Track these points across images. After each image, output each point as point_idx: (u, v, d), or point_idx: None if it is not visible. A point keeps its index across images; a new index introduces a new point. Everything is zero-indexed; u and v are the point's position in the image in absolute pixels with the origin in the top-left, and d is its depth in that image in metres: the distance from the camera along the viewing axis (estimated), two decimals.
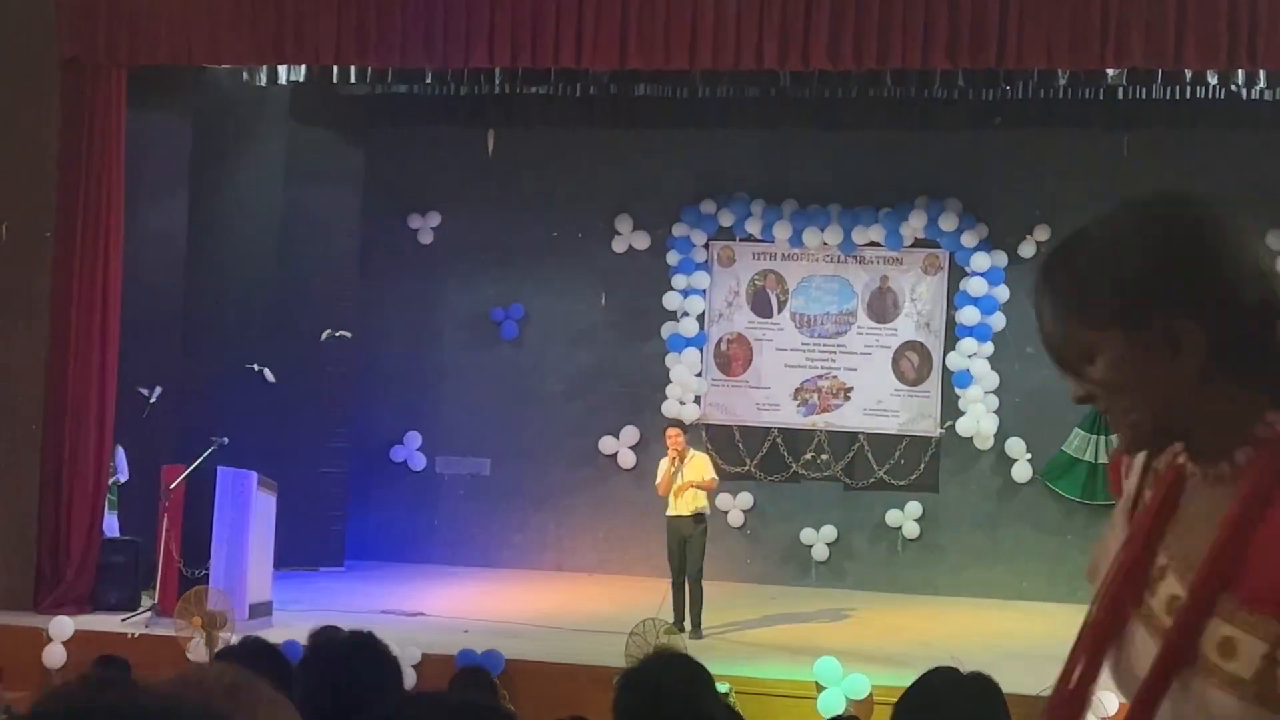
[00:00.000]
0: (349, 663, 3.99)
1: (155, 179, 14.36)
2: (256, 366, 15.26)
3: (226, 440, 12.83)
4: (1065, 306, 2.30)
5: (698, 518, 13.29)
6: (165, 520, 12.64)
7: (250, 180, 15.64)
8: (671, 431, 13.60)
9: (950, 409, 16.22)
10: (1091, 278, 2.28)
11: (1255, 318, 2.22)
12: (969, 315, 16.10)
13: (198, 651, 11.15)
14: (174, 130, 14.58)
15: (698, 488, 13.32)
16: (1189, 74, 13.33)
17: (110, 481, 13.50)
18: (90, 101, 13.17)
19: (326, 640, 4.07)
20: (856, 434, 16.47)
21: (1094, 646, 2.25)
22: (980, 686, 3.81)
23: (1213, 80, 13.61)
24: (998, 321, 16.06)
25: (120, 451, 13.69)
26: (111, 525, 13.59)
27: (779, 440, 16.58)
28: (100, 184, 13.16)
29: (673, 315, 16.70)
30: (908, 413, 16.41)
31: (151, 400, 14.11)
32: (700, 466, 13.45)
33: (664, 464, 13.48)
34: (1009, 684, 3.89)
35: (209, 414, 13.87)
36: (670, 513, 13.34)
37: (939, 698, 3.77)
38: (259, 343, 15.49)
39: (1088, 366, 2.30)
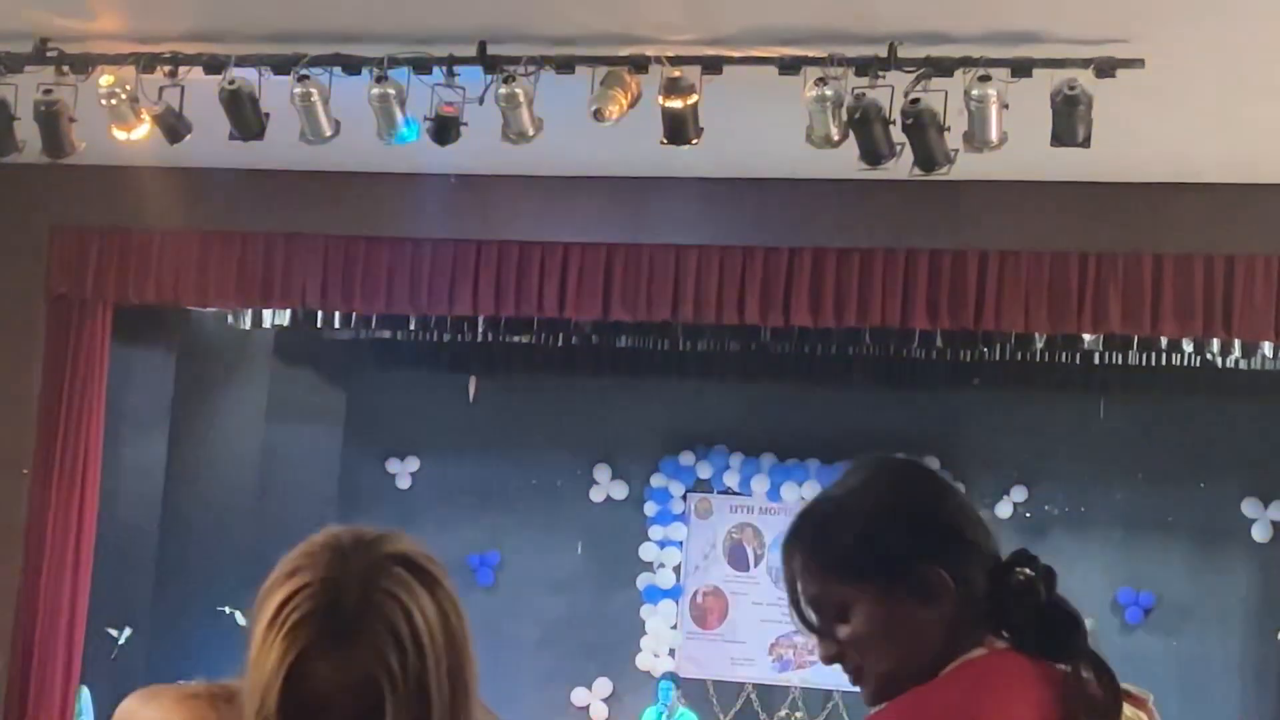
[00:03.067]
0: None
1: (136, 415, 14.38)
2: (228, 609, 15.11)
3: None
4: (822, 567, 2.45)
5: None
6: None
7: (231, 419, 15.67)
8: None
9: None
10: (845, 538, 2.45)
11: (989, 564, 2.44)
12: None
13: None
14: (157, 367, 14.63)
15: None
16: (1165, 341, 13.47)
17: None
18: (75, 337, 13.21)
19: None
20: (832, 692, 16.32)
21: None
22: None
23: (1188, 349, 13.75)
24: None
25: (86, 693, 13.51)
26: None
27: (753, 696, 16.42)
28: (81, 419, 13.16)
29: (649, 566, 16.65)
30: None
31: (120, 641, 13.96)
32: None
33: (650, 715, 13.35)
34: None
35: (179, 657, 13.72)
36: None
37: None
38: (233, 584, 15.35)
39: (841, 625, 2.43)
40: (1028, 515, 16.13)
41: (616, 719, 15.78)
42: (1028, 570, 2.45)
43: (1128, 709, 2.53)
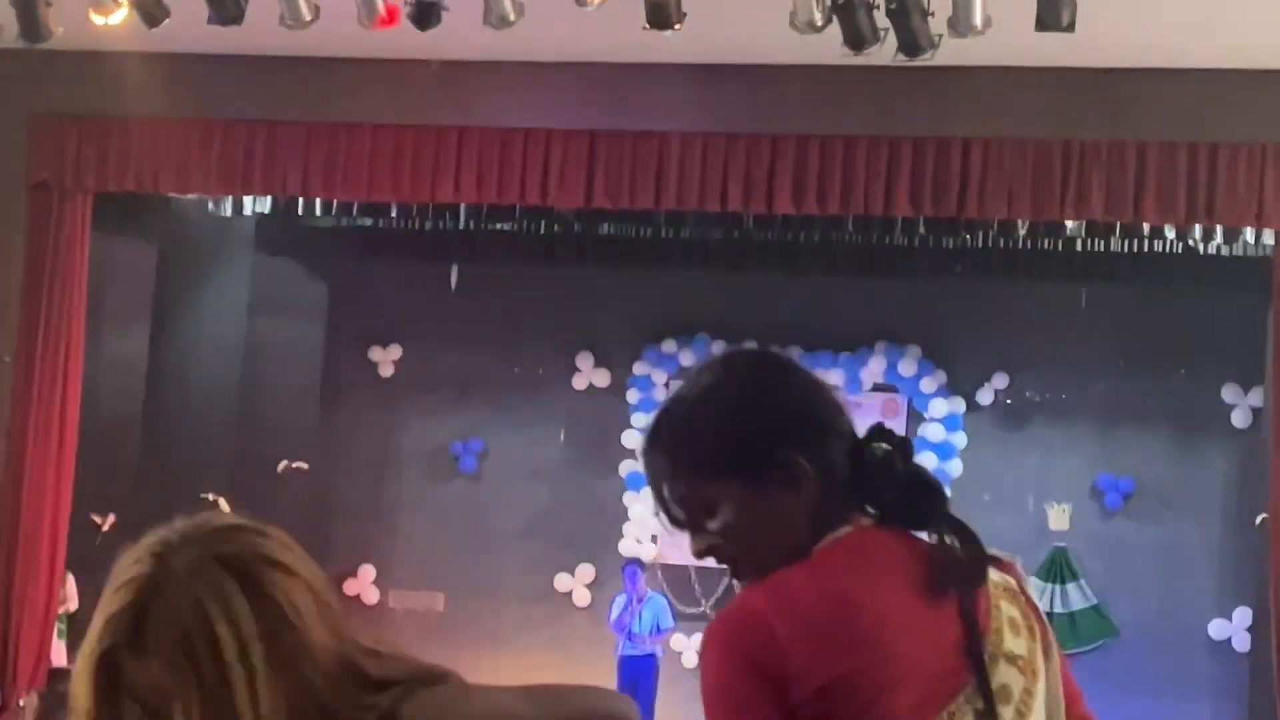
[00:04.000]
0: None
1: (118, 305, 14.35)
2: (211, 496, 15.16)
3: None
4: (684, 466, 2.50)
5: (650, 658, 13.23)
6: None
7: (213, 309, 15.64)
8: (631, 569, 13.58)
9: None
10: (706, 434, 2.49)
11: (849, 448, 2.51)
12: (926, 461, 16.12)
13: None
14: (138, 257, 14.59)
15: (653, 636, 13.30)
16: (1147, 228, 13.47)
17: (60, 610, 13.36)
18: (56, 227, 13.19)
19: None
20: None
21: None
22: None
23: (1170, 235, 13.75)
24: (955, 468, 16.10)
25: (71, 580, 13.57)
26: (60, 654, 13.44)
27: (734, 582, 16.49)
28: (63, 309, 13.15)
29: (631, 453, 16.68)
30: None
31: (104, 528, 14.00)
32: (658, 610, 13.43)
33: (620, 601, 13.42)
34: None
35: None
36: (623, 653, 13.28)
37: None
38: (216, 472, 15.41)
39: (709, 520, 2.51)
40: (1009, 403, 16.19)
41: (599, 604, 15.87)
42: (884, 444, 2.52)
43: (994, 573, 2.61)
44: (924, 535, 2.60)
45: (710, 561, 2.68)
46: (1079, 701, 2.80)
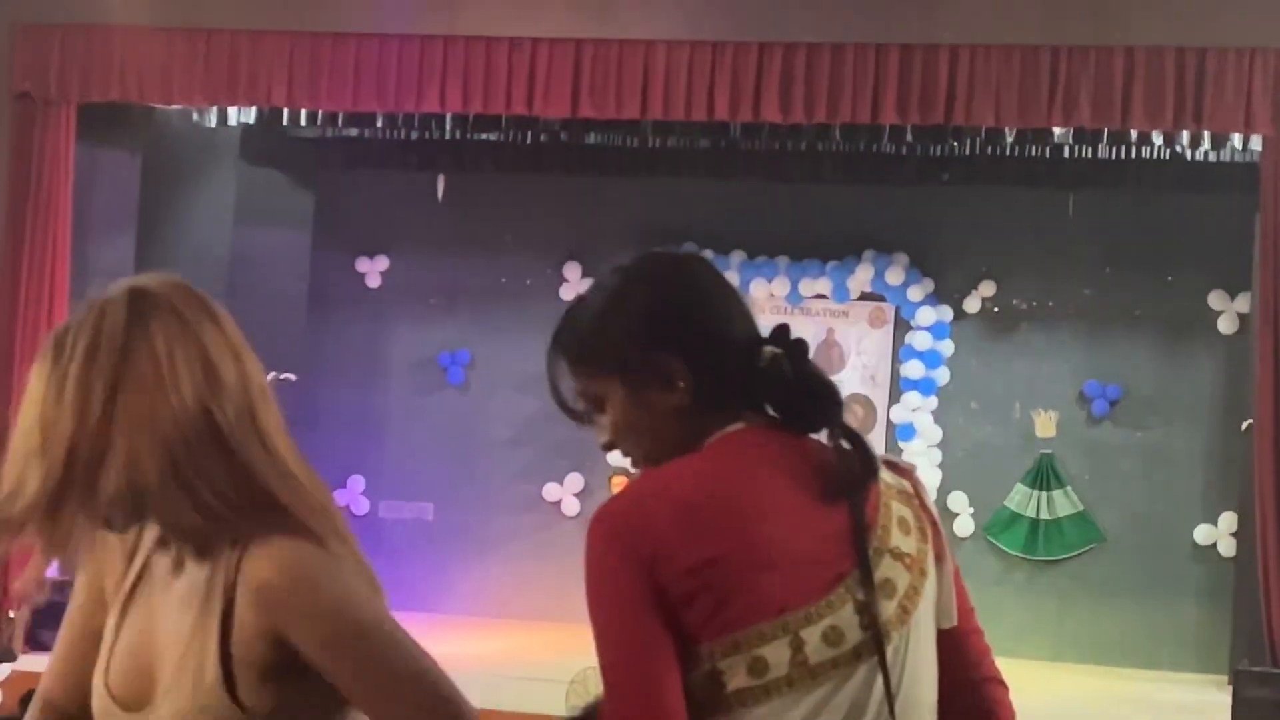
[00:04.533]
0: None
1: (103, 216, 14.30)
2: None
3: None
4: (575, 363, 2.67)
5: None
6: None
7: (198, 220, 15.60)
8: (618, 480, 13.63)
9: None
10: (592, 334, 2.65)
11: (738, 352, 2.61)
12: (914, 369, 16.17)
13: None
14: (123, 168, 14.52)
15: None
16: (1134, 134, 13.46)
17: None
18: (40, 137, 13.15)
19: None
20: None
21: None
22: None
23: (1158, 141, 13.75)
24: (942, 376, 16.14)
25: None
26: (52, 564, 13.45)
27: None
28: (47, 219, 13.12)
29: None
30: None
31: None
32: None
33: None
34: None
35: None
36: None
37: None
38: None
39: (601, 415, 2.66)
40: (996, 310, 16.20)
41: (588, 513, 15.87)
42: (775, 348, 2.63)
43: (889, 475, 2.67)
44: (820, 438, 2.65)
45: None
46: (970, 616, 2.80)
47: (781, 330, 2.68)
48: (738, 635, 2.41)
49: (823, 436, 2.65)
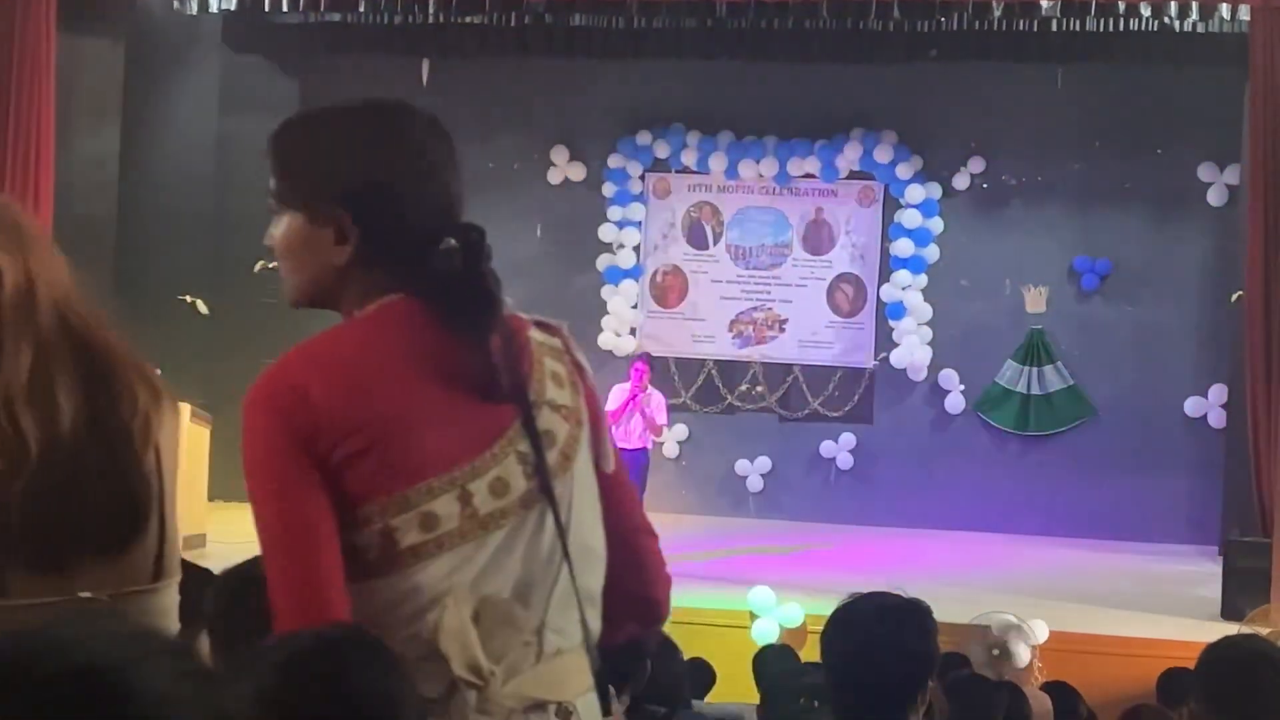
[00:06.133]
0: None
1: (87, 105, 14.22)
2: (189, 298, 15.17)
3: None
4: (273, 175, 2.68)
5: (641, 451, 13.35)
6: None
7: (183, 108, 15.53)
8: (639, 365, 13.65)
9: (884, 341, 16.30)
10: (295, 159, 2.67)
11: (417, 234, 2.63)
12: (903, 247, 16.15)
13: None
14: (106, 56, 14.42)
15: (650, 429, 13.39)
16: (1123, 6, 13.38)
17: None
18: (21, 27, 13.03)
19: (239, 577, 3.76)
20: (791, 366, 16.53)
21: None
22: (911, 608, 3.84)
23: (1146, 12, 13.66)
24: (932, 254, 16.13)
25: None
26: None
27: (714, 372, 16.63)
28: (31, 110, 13.03)
29: (608, 247, 16.69)
30: (842, 345, 16.47)
31: None
32: (657, 406, 13.53)
33: (617, 392, 13.48)
34: (940, 613, 3.91)
35: (140, 346, 13.74)
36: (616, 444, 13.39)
37: (869, 618, 3.80)
38: (192, 273, 15.40)
39: (275, 228, 2.69)
40: (985, 187, 16.17)
41: None
42: (452, 241, 2.66)
43: (542, 335, 2.83)
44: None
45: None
46: (622, 469, 2.93)
47: (469, 227, 2.72)
48: (408, 492, 2.46)
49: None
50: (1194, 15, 13.53)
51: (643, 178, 16.67)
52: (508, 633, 2.52)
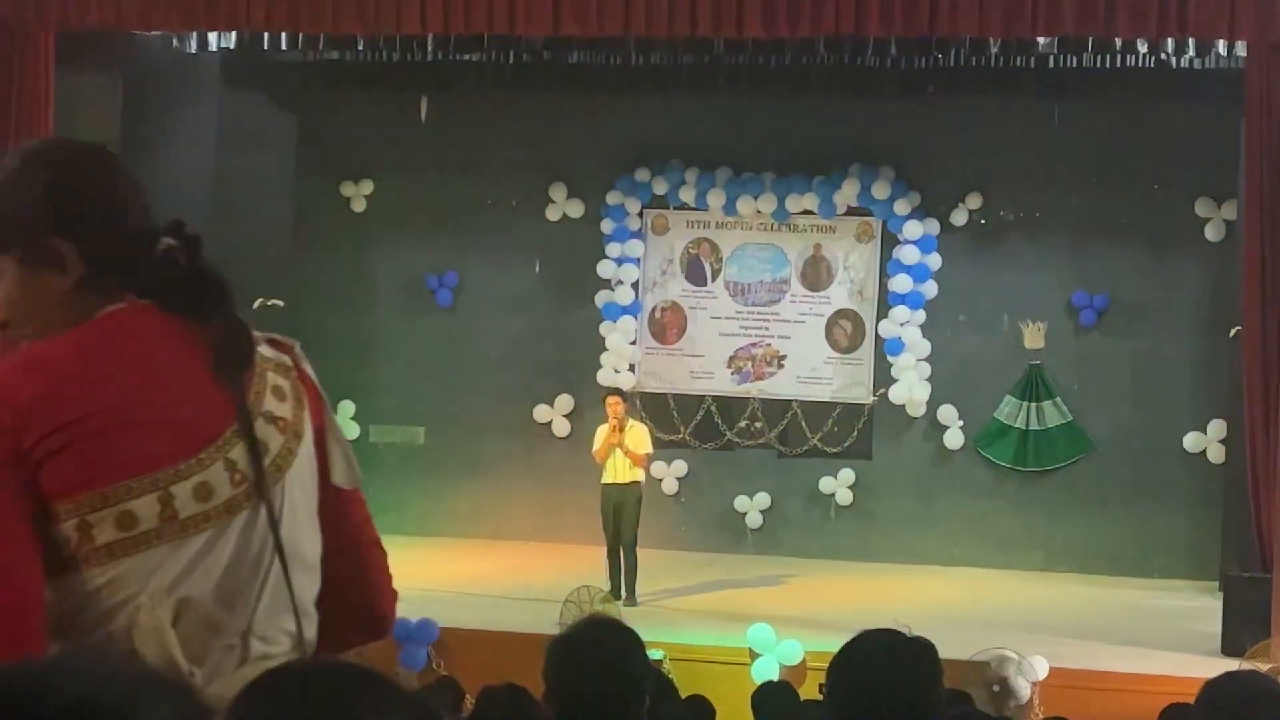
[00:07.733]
0: None
1: None
2: None
3: None
4: None
5: (632, 485, 13.34)
6: None
7: (181, 147, 15.51)
8: (612, 400, 13.63)
9: (883, 376, 16.29)
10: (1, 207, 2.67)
11: (132, 240, 2.69)
12: (901, 283, 16.16)
13: None
14: (104, 93, 14.42)
15: (632, 461, 13.37)
16: (1119, 43, 13.41)
17: None
18: (20, 65, 13.05)
19: None
20: (790, 401, 16.52)
21: None
22: (915, 648, 3.84)
23: (1142, 49, 13.70)
24: (930, 289, 16.13)
25: None
26: None
27: (713, 408, 16.62)
28: None
29: (607, 283, 16.70)
30: (841, 380, 16.46)
31: None
32: (638, 438, 13.50)
33: (602, 431, 13.49)
34: (940, 649, 3.91)
35: None
36: (605, 480, 13.37)
37: (874, 657, 3.80)
38: None
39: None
40: (983, 222, 16.19)
41: (579, 434, 15.94)
42: (171, 240, 2.73)
43: (270, 351, 2.88)
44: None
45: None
46: (356, 484, 2.97)
47: (178, 223, 2.77)
48: (106, 490, 2.51)
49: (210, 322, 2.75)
50: (1190, 52, 13.56)
51: (641, 214, 16.69)
52: (208, 636, 2.57)
